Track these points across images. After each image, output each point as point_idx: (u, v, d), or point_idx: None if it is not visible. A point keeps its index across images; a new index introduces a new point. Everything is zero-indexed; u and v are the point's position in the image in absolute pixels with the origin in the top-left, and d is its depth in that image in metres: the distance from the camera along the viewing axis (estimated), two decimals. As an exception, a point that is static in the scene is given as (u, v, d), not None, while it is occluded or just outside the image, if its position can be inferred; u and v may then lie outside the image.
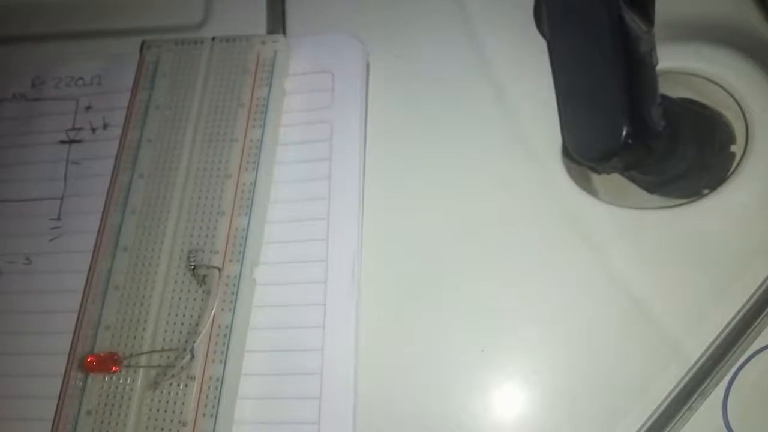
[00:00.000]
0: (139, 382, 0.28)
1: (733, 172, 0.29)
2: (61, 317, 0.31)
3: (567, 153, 0.30)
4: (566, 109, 0.29)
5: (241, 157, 0.31)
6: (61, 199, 0.34)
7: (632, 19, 0.27)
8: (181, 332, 0.28)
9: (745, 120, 0.29)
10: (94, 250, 0.31)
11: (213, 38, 0.34)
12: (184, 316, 0.29)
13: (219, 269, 0.29)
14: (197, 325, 0.28)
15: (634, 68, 0.27)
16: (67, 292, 0.32)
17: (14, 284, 0.33)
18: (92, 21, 0.38)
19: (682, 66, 0.30)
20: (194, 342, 0.27)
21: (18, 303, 0.32)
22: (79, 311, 0.31)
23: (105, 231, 0.31)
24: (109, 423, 0.28)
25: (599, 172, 0.31)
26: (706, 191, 0.30)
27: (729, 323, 0.27)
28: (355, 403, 0.28)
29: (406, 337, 0.29)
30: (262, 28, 0.36)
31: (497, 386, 0.28)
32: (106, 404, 0.28)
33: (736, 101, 0.29)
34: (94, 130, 0.35)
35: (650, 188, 0.31)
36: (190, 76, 0.33)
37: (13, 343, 0.32)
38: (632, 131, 0.26)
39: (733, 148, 0.30)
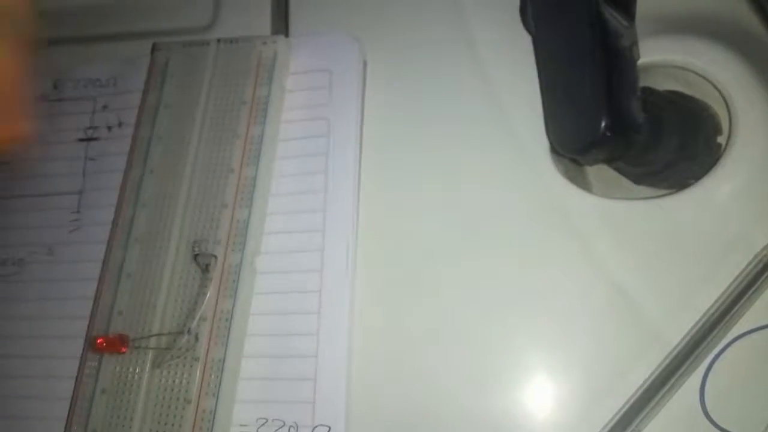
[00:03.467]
0: (148, 363, 0.30)
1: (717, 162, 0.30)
2: (79, 303, 0.33)
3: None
4: (548, 102, 0.30)
5: (243, 152, 0.33)
6: (80, 193, 0.36)
7: (612, 15, 0.28)
8: (186, 316, 0.30)
9: (729, 111, 0.30)
10: (108, 241, 0.34)
11: (218, 40, 0.35)
12: (188, 301, 0.31)
13: (215, 257, 0.30)
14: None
15: (614, 62, 0.27)
16: (85, 281, 0.34)
17: (37, 273, 0.35)
18: (110, 25, 0.40)
19: (669, 59, 0.31)
20: (191, 324, 0.29)
21: (40, 291, 0.35)
22: (95, 298, 0.33)
23: (119, 223, 0.33)
24: (122, 400, 0.30)
25: (582, 164, 0.31)
26: (691, 182, 0.30)
27: (708, 310, 0.28)
28: (348, 384, 0.29)
29: (398, 323, 0.31)
30: (266, 30, 0.37)
31: (482, 370, 0.29)
32: (118, 383, 0.30)
33: (721, 93, 0.30)
34: (109, 128, 0.37)
35: (637, 179, 0.32)
36: (197, 77, 0.35)
37: (36, 328, 0.34)
38: (610, 124, 0.27)
39: (720, 139, 0.31)
